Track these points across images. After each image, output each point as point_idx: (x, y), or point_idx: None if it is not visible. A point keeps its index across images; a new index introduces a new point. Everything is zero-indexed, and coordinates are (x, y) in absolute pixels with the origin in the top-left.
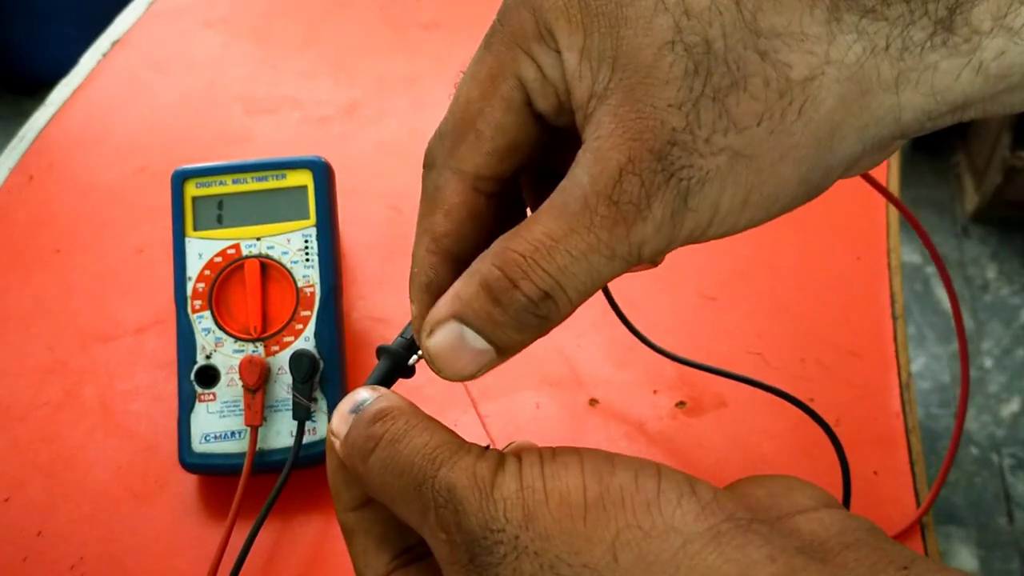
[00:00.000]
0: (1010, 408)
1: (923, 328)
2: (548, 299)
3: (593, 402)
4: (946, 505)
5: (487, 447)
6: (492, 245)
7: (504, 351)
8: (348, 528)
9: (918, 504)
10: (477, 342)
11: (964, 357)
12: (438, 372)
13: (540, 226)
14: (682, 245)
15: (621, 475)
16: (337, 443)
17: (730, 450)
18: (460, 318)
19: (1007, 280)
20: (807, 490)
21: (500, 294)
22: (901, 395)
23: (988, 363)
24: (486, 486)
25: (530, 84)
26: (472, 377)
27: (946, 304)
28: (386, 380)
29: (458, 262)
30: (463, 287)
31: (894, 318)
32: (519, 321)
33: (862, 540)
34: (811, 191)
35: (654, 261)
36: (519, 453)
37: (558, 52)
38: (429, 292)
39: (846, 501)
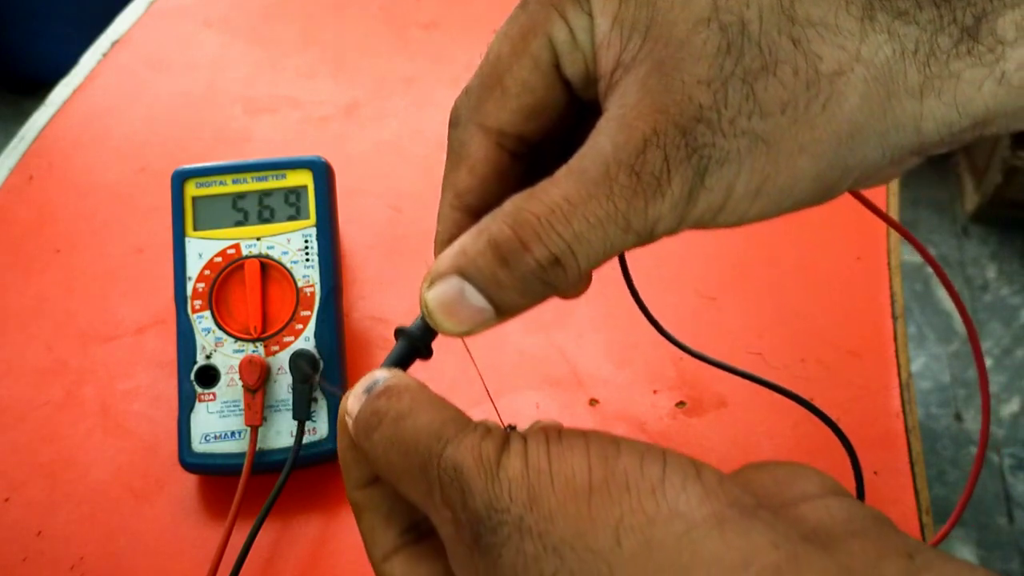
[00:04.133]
0: (1010, 408)
1: (923, 328)
2: (558, 265)
3: (593, 402)
4: (946, 505)
5: (493, 426)
6: (504, 204)
7: (503, 313)
8: (357, 505)
9: (918, 504)
10: (477, 300)
11: (983, 379)
12: (434, 326)
13: (558, 189)
14: (691, 227)
15: (626, 459)
16: (350, 422)
17: (730, 450)
18: (463, 274)
19: (1007, 280)
20: (814, 477)
21: (509, 255)
22: (901, 395)
23: (988, 363)
24: (492, 465)
25: (560, 46)
26: (468, 334)
27: (946, 304)
28: (402, 361)
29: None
30: (470, 243)
31: (894, 318)
32: (524, 285)
33: (868, 528)
34: (824, 191)
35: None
36: (526, 433)
37: (591, 16)
38: None
39: (859, 497)
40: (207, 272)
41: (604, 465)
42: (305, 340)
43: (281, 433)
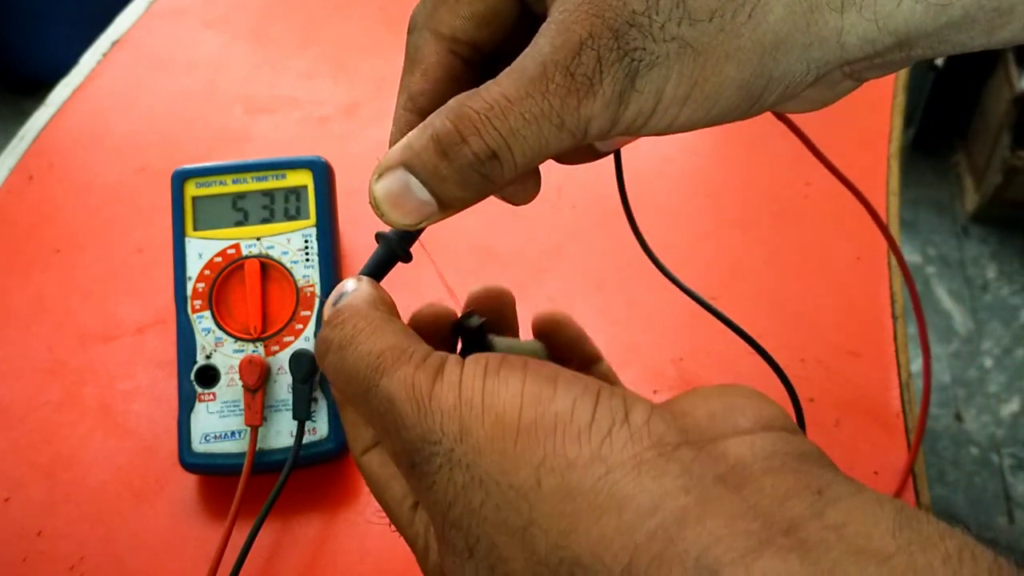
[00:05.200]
0: (1010, 408)
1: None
2: (494, 159)
3: None
4: (946, 505)
5: (431, 354)
6: (450, 101)
7: (446, 206)
8: (340, 402)
9: (918, 504)
10: (421, 193)
11: (916, 298)
12: (380, 216)
13: (498, 87)
14: (626, 133)
15: (559, 402)
16: None
17: None
18: (408, 167)
19: (1007, 280)
20: (749, 411)
21: (449, 148)
22: (901, 395)
23: (988, 363)
24: (423, 398)
25: None
26: (414, 227)
27: (946, 304)
28: (381, 267)
29: None
30: (416, 137)
31: (894, 318)
32: (463, 177)
33: (786, 465)
34: (750, 101)
35: (603, 147)
36: (465, 360)
37: None
38: None
39: None
40: (207, 272)
41: (535, 407)
42: (305, 340)
43: (281, 433)
